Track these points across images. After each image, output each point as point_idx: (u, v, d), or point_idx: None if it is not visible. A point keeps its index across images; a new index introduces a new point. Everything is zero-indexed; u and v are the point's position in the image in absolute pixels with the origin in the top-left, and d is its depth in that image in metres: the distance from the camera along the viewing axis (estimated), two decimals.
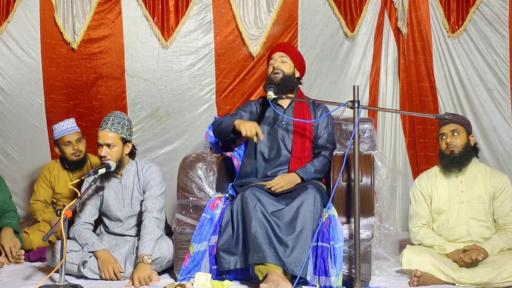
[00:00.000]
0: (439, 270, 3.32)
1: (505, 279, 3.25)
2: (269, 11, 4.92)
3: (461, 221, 3.51)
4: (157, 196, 3.55)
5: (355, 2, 4.91)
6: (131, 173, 3.64)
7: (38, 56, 4.96)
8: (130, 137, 3.59)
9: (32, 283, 3.37)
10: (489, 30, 4.83)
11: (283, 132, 3.69)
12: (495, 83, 4.86)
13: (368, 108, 4.86)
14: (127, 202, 3.62)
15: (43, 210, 4.24)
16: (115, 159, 3.52)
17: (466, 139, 3.57)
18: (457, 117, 3.65)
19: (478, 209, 3.52)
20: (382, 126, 4.97)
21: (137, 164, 3.66)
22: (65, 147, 4.17)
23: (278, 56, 3.72)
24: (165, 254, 3.46)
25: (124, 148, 3.56)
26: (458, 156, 3.53)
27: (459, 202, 3.54)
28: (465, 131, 3.58)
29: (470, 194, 3.54)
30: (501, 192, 3.53)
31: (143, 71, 5.01)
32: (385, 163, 3.57)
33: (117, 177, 3.63)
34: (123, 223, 3.66)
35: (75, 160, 4.20)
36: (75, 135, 4.18)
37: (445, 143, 3.57)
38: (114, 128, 3.51)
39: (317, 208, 3.27)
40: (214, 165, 3.57)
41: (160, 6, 4.92)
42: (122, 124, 3.54)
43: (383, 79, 4.98)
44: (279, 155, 3.66)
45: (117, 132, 3.51)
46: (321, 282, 3.22)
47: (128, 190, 3.63)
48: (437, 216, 3.59)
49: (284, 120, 3.70)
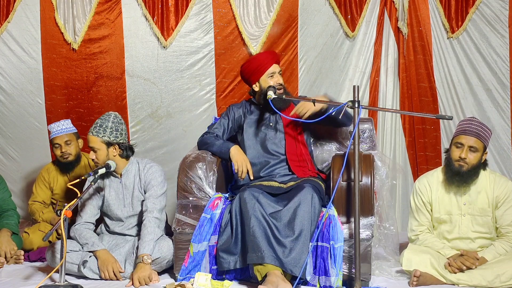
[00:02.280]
0: (438, 271, 3.32)
1: (504, 282, 3.24)
2: (269, 11, 4.92)
3: (462, 234, 3.47)
4: (158, 196, 3.55)
5: (355, 2, 4.90)
6: (131, 173, 3.64)
7: (38, 56, 4.96)
8: (117, 139, 3.54)
9: (32, 283, 3.37)
10: (489, 30, 4.83)
11: (272, 133, 3.71)
12: (494, 83, 4.86)
13: (368, 108, 4.86)
14: (128, 202, 3.63)
15: (41, 210, 4.25)
16: (101, 162, 3.54)
17: (480, 157, 3.40)
18: (481, 129, 3.40)
19: (481, 222, 3.45)
20: (382, 126, 4.97)
21: (139, 164, 3.66)
22: (54, 148, 4.22)
23: (278, 72, 3.71)
24: (165, 254, 3.47)
25: (109, 151, 3.55)
26: (465, 173, 3.40)
27: (461, 215, 3.47)
28: (483, 148, 3.40)
29: (473, 207, 3.45)
30: (504, 201, 3.44)
31: (143, 71, 5.01)
32: (385, 163, 3.57)
33: (117, 176, 3.64)
34: (123, 222, 3.66)
35: (64, 162, 4.22)
36: (63, 138, 4.18)
37: (458, 155, 3.39)
38: (95, 132, 3.53)
39: (315, 208, 3.27)
40: (214, 165, 3.57)
41: (160, 6, 4.92)
42: (104, 127, 3.52)
43: (383, 79, 4.98)
44: (271, 156, 3.67)
45: (98, 136, 3.52)
46: (321, 282, 3.22)
47: (128, 189, 3.63)
48: (438, 225, 3.53)
49: (272, 121, 3.71)
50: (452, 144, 3.46)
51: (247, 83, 3.81)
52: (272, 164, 3.67)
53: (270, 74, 3.67)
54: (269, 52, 3.99)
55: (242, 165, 3.58)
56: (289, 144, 3.68)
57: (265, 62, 3.69)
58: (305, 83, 4.97)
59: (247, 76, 3.74)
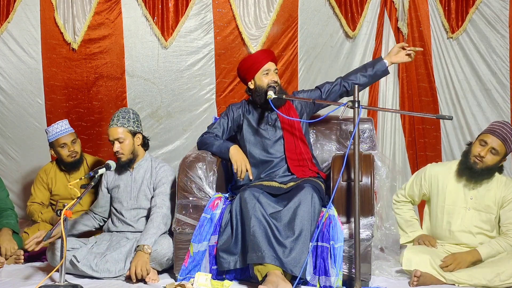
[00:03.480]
0: (437, 271, 3.32)
1: (504, 281, 3.25)
2: (269, 11, 4.92)
3: (464, 227, 3.47)
4: (168, 194, 3.66)
5: (356, 2, 4.90)
6: (142, 168, 3.77)
7: (38, 56, 4.96)
8: (138, 129, 3.75)
9: (32, 283, 3.38)
10: (489, 30, 4.83)
11: (271, 132, 3.70)
12: (494, 83, 4.86)
13: (368, 108, 4.87)
14: (134, 195, 3.72)
15: (40, 211, 4.24)
16: (127, 152, 3.70)
17: (498, 161, 3.41)
18: (510, 135, 3.39)
19: (484, 218, 3.46)
20: (382, 126, 4.97)
21: (152, 161, 3.80)
22: (60, 149, 4.18)
23: (274, 69, 3.67)
24: (165, 251, 3.47)
25: (135, 140, 3.72)
26: (477, 170, 3.41)
27: (465, 208, 3.48)
28: (504, 153, 3.40)
29: (479, 203, 3.47)
30: (509, 202, 3.45)
31: (143, 71, 5.01)
32: (385, 163, 3.56)
33: (129, 169, 3.76)
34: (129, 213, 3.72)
35: (71, 161, 4.21)
36: (70, 137, 4.18)
37: (478, 152, 3.40)
38: (120, 123, 3.69)
39: (315, 208, 3.26)
40: (214, 165, 3.57)
41: (160, 6, 4.92)
42: (127, 118, 3.71)
43: (383, 79, 4.97)
44: (270, 156, 3.67)
45: (123, 126, 3.68)
46: (321, 282, 3.22)
47: (137, 183, 3.73)
48: (441, 215, 3.55)
49: (270, 120, 3.71)
50: (477, 139, 3.47)
51: (243, 81, 3.79)
52: (271, 164, 3.67)
53: (265, 72, 3.63)
54: (265, 50, 3.97)
55: (242, 165, 3.58)
56: (288, 143, 3.67)
57: (259, 59, 3.66)
58: (305, 83, 4.97)
59: (243, 74, 3.73)
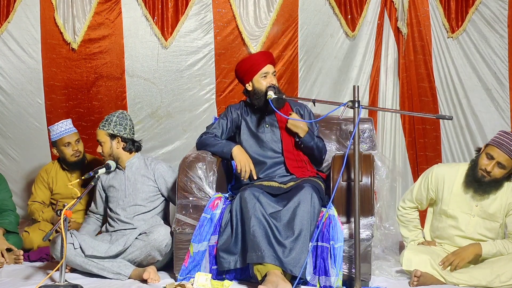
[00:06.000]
0: (438, 271, 3.32)
1: (504, 282, 3.24)
2: (269, 11, 4.92)
3: (468, 234, 3.45)
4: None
5: (356, 2, 4.90)
6: (134, 165, 3.79)
7: (38, 56, 4.96)
8: (120, 133, 3.74)
9: (32, 283, 3.38)
10: (488, 31, 4.84)
11: (269, 133, 3.70)
12: (494, 83, 4.87)
13: (368, 108, 4.86)
14: (129, 193, 3.74)
15: (41, 210, 4.24)
16: (106, 154, 3.77)
17: (506, 173, 3.36)
18: None
19: (489, 226, 3.44)
20: (382, 126, 4.97)
21: (145, 159, 3.83)
22: (64, 148, 4.18)
23: (272, 72, 3.66)
24: (163, 237, 3.49)
25: (113, 143, 3.74)
26: (485, 183, 3.37)
27: (470, 215, 3.45)
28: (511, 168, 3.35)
29: (484, 211, 3.43)
30: None
31: (143, 71, 5.01)
32: (385, 163, 3.56)
33: (121, 169, 3.79)
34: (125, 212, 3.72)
35: (75, 160, 4.21)
36: (74, 136, 4.19)
37: (484, 165, 3.33)
38: (101, 126, 3.78)
39: (315, 208, 3.26)
40: (214, 165, 3.57)
41: (160, 6, 4.92)
42: (109, 121, 3.76)
43: (383, 79, 4.98)
44: (269, 157, 3.67)
45: (103, 129, 3.76)
46: (321, 282, 3.22)
47: (130, 181, 3.75)
48: (445, 218, 3.52)
49: (268, 121, 3.70)
50: (484, 151, 3.39)
51: (241, 82, 3.78)
52: (270, 164, 3.66)
53: (263, 74, 3.62)
54: (264, 52, 3.96)
55: (246, 165, 3.56)
56: (286, 144, 3.67)
57: (258, 62, 3.64)
58: (305, 83, 4.97)
59: (241, 75, 3.73)
